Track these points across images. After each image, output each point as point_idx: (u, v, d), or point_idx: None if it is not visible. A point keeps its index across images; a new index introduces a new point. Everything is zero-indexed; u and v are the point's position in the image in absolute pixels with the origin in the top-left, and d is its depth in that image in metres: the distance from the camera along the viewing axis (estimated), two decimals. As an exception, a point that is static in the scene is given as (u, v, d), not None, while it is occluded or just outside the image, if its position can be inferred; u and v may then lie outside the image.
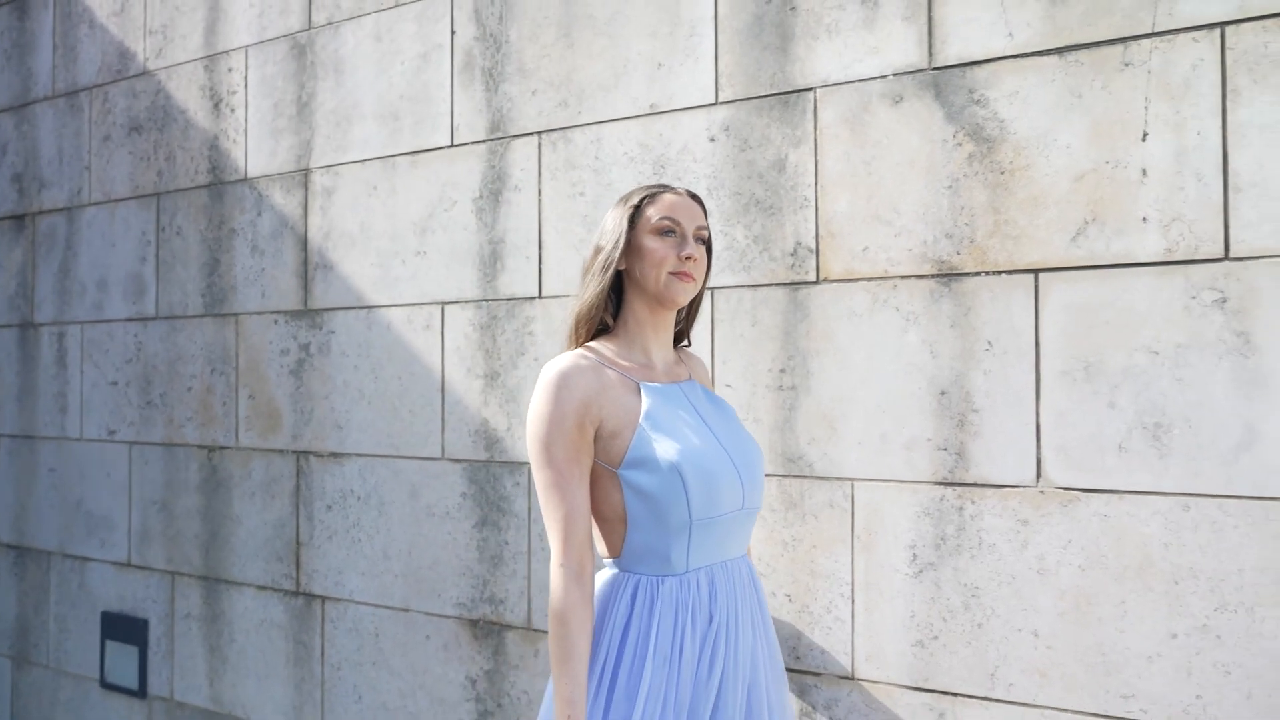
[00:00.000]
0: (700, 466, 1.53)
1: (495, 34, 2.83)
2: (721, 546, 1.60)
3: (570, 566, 1.49)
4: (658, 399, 1.57)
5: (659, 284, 1.60)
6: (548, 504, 1.53)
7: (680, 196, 1.66)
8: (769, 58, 2.39)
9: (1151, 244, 1.97)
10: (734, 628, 1.59)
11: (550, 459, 1.51)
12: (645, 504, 1.53)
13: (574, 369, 1.54)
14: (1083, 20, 2.04)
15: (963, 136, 2.16)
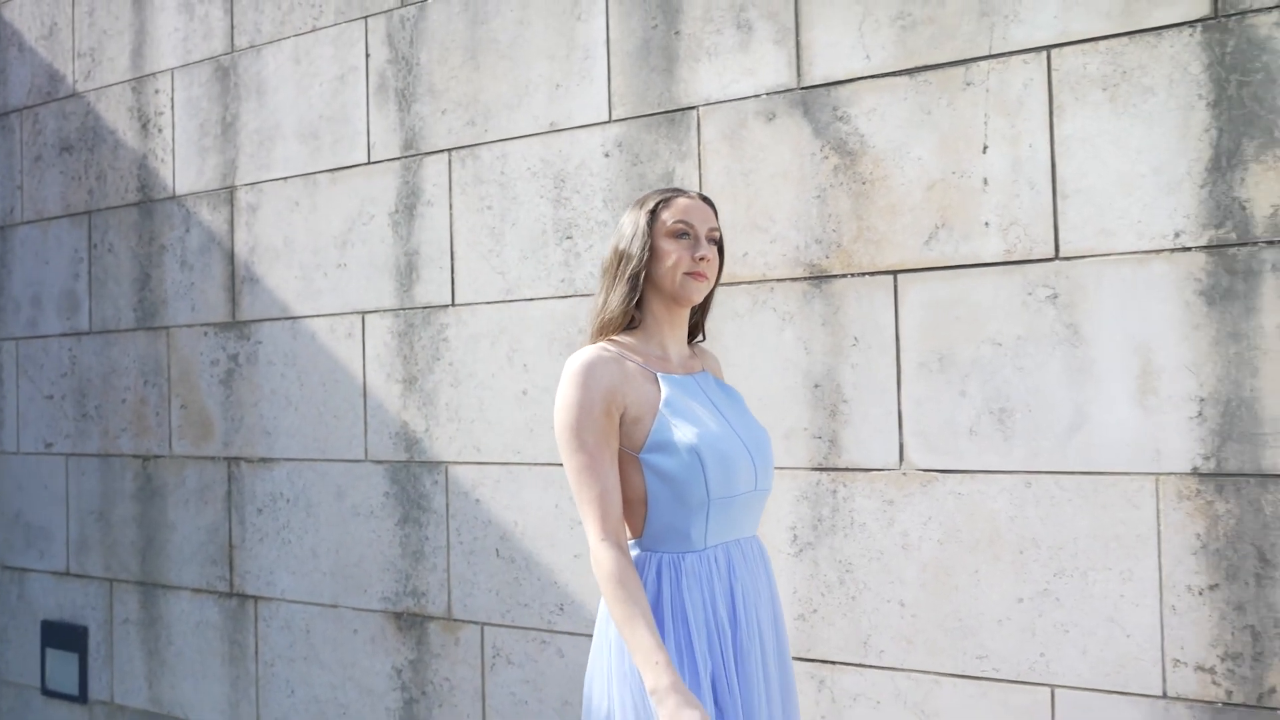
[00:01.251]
0: (716, 449, 1.61)
1: (407, 57, 2.99)
2: (736, 525, 1.67)
3: (611, 539, 1.55)
4: (675, 388, 1.66)
5: (675, 284, 1.68)
6: (581, 486, 1.59)
7: (693, 200, 1.73)
8: (656, 79, 2.58)
9: (993, 246, 2.18)
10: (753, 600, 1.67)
11: (581, 444, 1.58)
12: (666, 485, 1.60)
13: (598, 359, 1.62)
14: (929, 44, 2.25)
15: (828, 150, 2.36)
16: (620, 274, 1.70)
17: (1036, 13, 2.14)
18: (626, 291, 1.68)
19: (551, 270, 2.73)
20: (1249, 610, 1.97)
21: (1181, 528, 2.02)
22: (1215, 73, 1.99)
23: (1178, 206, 2.02)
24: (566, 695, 2.71)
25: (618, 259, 1.71)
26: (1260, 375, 1.96)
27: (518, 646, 2.78)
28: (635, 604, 1.52)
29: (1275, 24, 1.95)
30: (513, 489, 2.79)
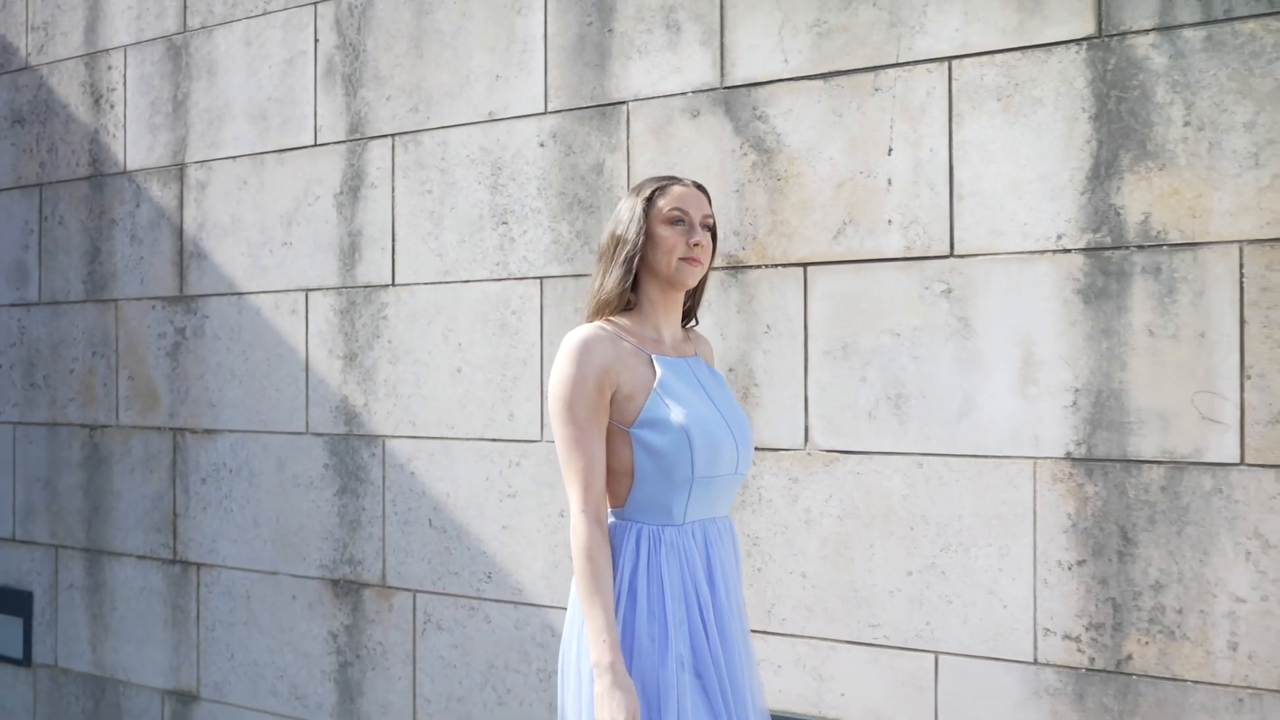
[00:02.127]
0: (705, 430, 1.68)
1: (354, 43, 3.10)
2: (714, 504, 1.75)
3: (590, 512, 1.64)
4: (669, 369, 1.73)
5: (670, 268, 1.73)
6: (569, 457, 1.66)
7: (688, 188, 1.78)
8: (590, 74, 2.71)
9: (894, 243, 2.35)
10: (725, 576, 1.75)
11: (573, 417, 1.65)
12: (653, 460, 1.67)
13: (594, 338, 1.69)
14: (842, 51, 2.40)
15: (747, 147, 2.51)
16: (616, 257, 1.75)
17: (940, 25, 2.30)
18: (622, 274, 1.74)
19: (487, 254, 2.86)
20: (1111, 584, 2.16)
21: (1055, 508, 2.20)
22: (1097, 88, 2.16)
23: (1060, 211, 2.19)
24: (492, 659, 2.86)
25: (614, 243, 1.76)
26: (1128, 369, 2.14)
27: (448, 613, 2.93)
28: (598, 581, 1.62)
29: (1151, 45, 2.12)
30: (446, 462, 2.92)
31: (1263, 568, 2.03)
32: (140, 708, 3.53)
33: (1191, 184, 2.08)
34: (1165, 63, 2.10)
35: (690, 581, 1.69)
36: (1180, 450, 2.09)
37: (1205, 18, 2.07)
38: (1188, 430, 2.09)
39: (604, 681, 1.58)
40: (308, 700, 3.18)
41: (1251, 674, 2.04)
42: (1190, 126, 2.08)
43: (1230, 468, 2.05)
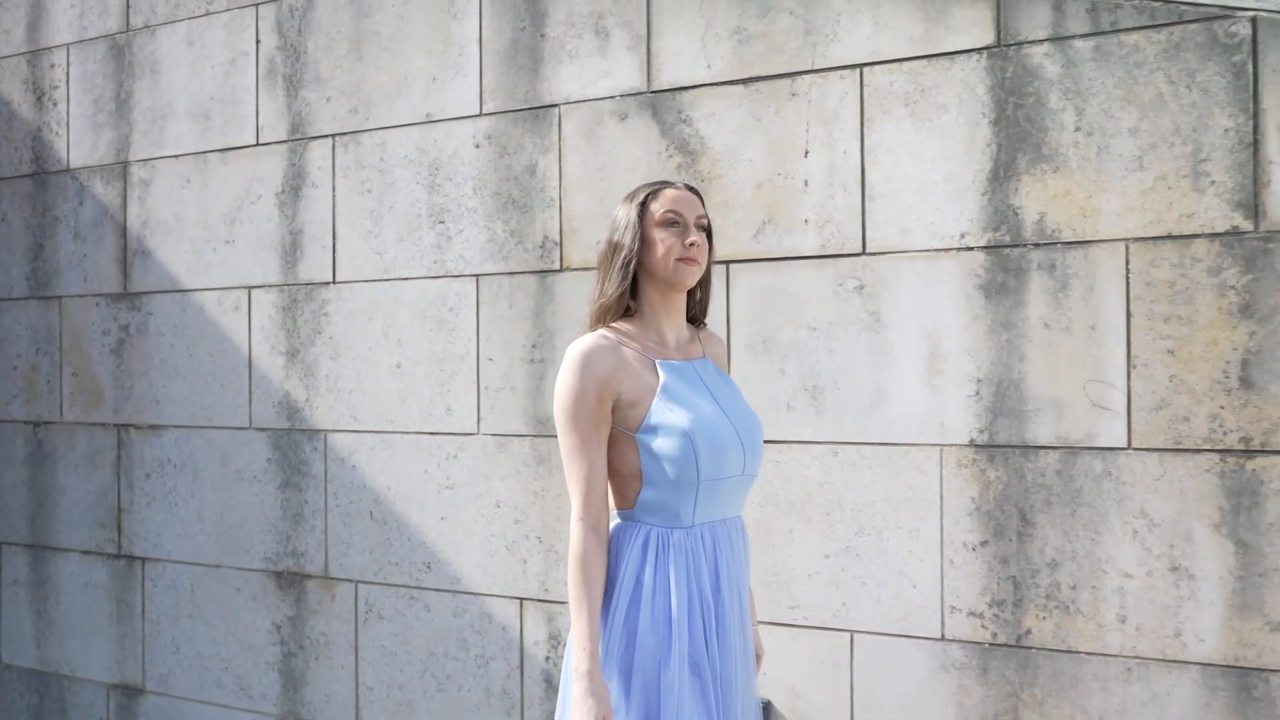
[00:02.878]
0: (709, 434, 1.71)
1: (295, 45, 3.18)
2: (723, 506, 1.77)
3: (589, 520, 1.69)
4: (672, 374, 1.76)
5: (668, 270, 1.76)
6: (571, 465, 1.71)
7: (680, 190, 1.81)
8: (523, 77, 2.82)
9: (811, 241, 2.48)
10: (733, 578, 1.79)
11: (574, 426, 1.70)
12: (660, 464, 1.71)
13: (595, 349, 1.73)
14: (761, 57, 2.53)
15: (673, 149, 2.63)
16: (614, 264, 1.78)
17: (852, 34, 2.43)
18: (620, 280, 1.77)
19: (425, 252, 2.96)
20: (1011, 563, 2.30)
21: (960, 492, 2.34)
22: (997, 94, 2.30)
23: (963, 211, 2.33)
24: (432, 647, 2.96)
25: (611, 250, 1.80)
26: (1026, 360, 2.28)
27: (388, 602, 3.02)
28: (587, 589, 1.68)
29: (1045, 54, 2.26)
30: (386, 455, 3.02)
31: (1148, 545, 2.19)
32: (85, 702, 3.59)
33: (1082, 185, 2.23)
34: (1058, 71, 2.25)
35: (695, 584, 1.73)
36: (1073, 436, 2.24)
37: (1094, 29, 2.21)
38: (1080, 417, 2.23)
39: (580, 687, 1.65)
40: (252, 691, 3.26)
41: (1139, 645, 2.19)
42: (1081, 131, 2.23)
43: (1118, 452, 2.21)
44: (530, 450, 2.80)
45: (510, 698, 2.84)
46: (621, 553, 1.74)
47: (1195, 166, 2.14)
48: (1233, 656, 2.12)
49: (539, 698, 2.81)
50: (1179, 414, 2.16)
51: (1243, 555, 2.11)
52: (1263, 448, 2.10)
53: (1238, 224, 2.11)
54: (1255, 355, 2.10)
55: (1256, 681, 2.10)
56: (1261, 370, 2.09)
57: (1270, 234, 2.09)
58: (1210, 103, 2.13)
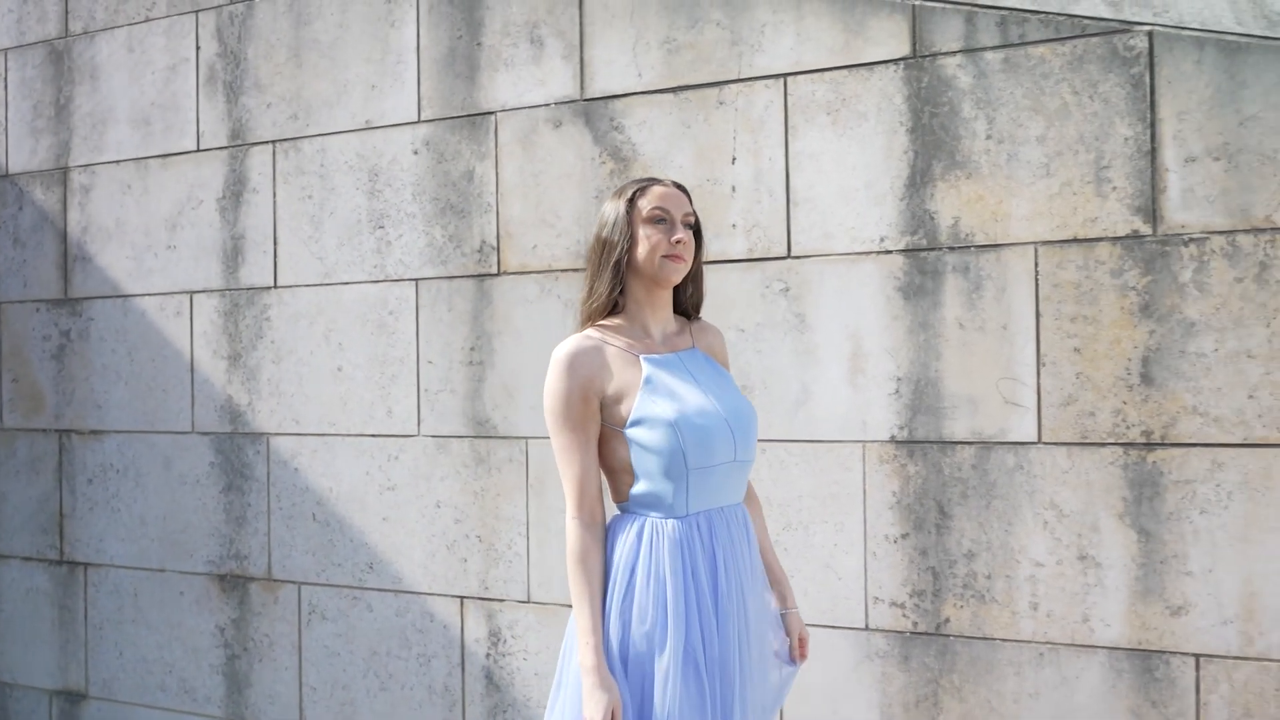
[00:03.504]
0: (694, 423, 1.73)
1: (235, 51, 3.22)
2: (718, 494, 1.79)
3: (583, 517, 1.74)
4: (656, 367, 1.78)
5: (654, 267, 1.78)
6: (563, 466, 1.76)
7: (667, 187, 1.83)
8: (460, 85, 2.89)
9: (739, 245, 2.57)
10: (734, 566, 1.79)
11: (563, 427, 1.75)
12: (649, 456, 1.74)
13: (578, 351, 1.77)
14: (690, 67, 2.61)
15: (605, 156, 2.71)
16: (604, 262, 1.80)
17: (776, 45, 2.52)
18: (610, 278, 1.80)
19: (365, 256, 3.01)
20: (931, 554, 2.41)
21: (881, 486, 2.44)
22: (913, 104, 2.41)
23: (883, 216, 2.43)
24: (375, 646, 3.01)
25: (601, 247, 1.81)
26: (943, 359, 2.39)
27: (331, 603, 3.07)
28: (587, 584, 1.72)
29: (959, 65, 2.37)
30: (328, 458, 3.07)
31: (1057, 535, 2.30)
32: (28, 709, 3.60)
33: (994, 191, 2.34)
34: (970, 82, 2.36)
35: (691, 574, 1.74)
36: (987, 431, 2.35)
37: (1003, 42, 2.32)
38: (993, 413, 2.34)
39: (588, 681, 1.68)
40: (196, 694, 3.29)
41: (1050, 630, 2.30)
42: (992, 139, 2.34)
43: (1029, 446, 2.32)
44: (469, 451, 2.86)
45: (452, 695, 2.90)
46: (616, 545, 1.77)
47: (1098, 173, 2.26)
48: (1136, 640, 2.24)
49: (480, 694, 2.87)
50: (1085, 409, 2.27)
51: (1145, 544, 2.23)
52: (1162, 441, 2.21)
53: (1137, 228, 2.23)
54: (1155, 353, 2.22)
55: (1158, 663, 2.22)
56: (1160, 367, 2.21)
57: (1167, 237, 2.21)
58: (1111, 112, 2.24)
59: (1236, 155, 2.15)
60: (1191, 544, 2.19)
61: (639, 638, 1.72)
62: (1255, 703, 2.15)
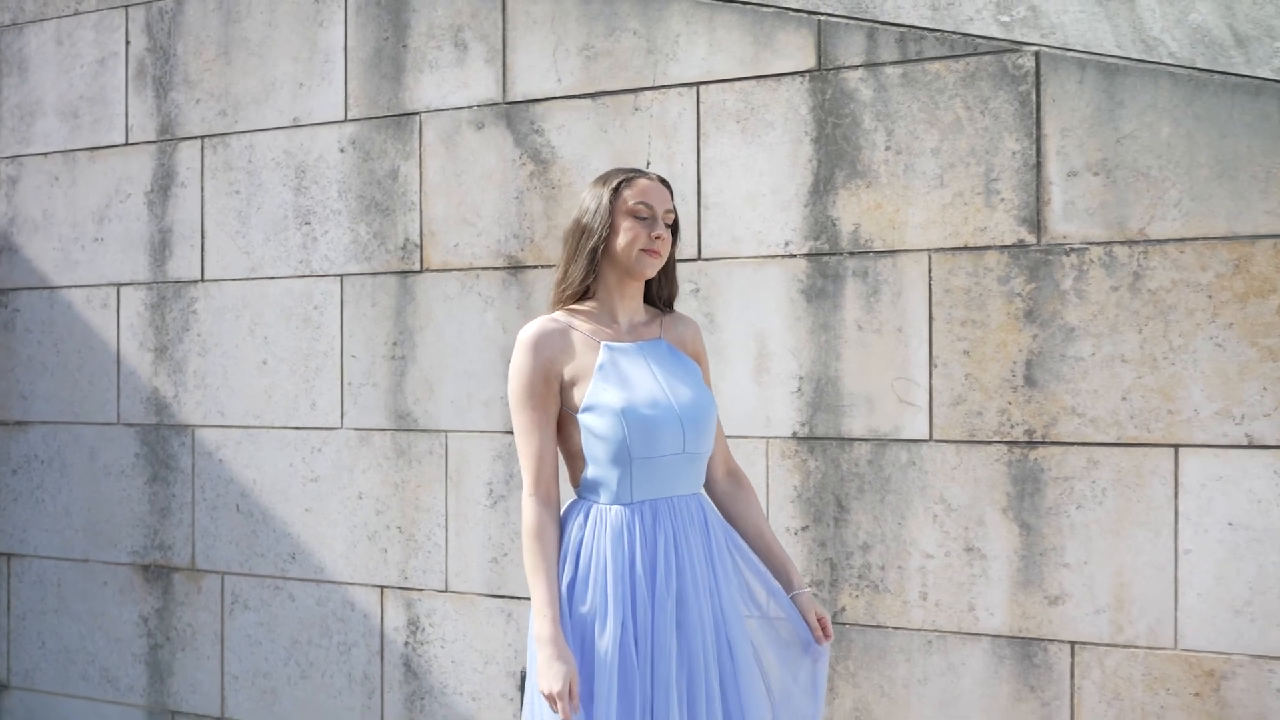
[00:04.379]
0: (640, 413, 1.77)
1: (165, 47, 3.27)
2: (667, 484, 1.82)
3: (539, 495, 1.79)
4: (613, 355, 1.81)
5: (631, 259, 1.82)
6: (521, 444, 1.81)
7: (652, 182, 1.86)
8: (386, 85, 2.96)
9: (652, 247, 2.67)
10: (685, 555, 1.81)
11: (522, 406, 1.79)
12: (597, 442, 1.78)
13: (542, 333, 1.81)
14: (608, 74, 2.71)
15: (526, 158, 2.80)
16: (581, 248, 1.83)
17: (689, 54, 2.63)
18: (585, 264, 1.83)
19: (291, 252, 3.08)
20: (829, 546, 2.53)
21: (784, 481, 2.56)
22: (817, 114, 2.53)
23: (788, 221, 2.55)
24: (296, 635, 3.08)
25: (579, 232, 1.84)
26: (842, 359, 2.51)
27: (254, 593, 3.13)
28: (543, 558, 1.76)
29: (860, 79, 2.49)
30: (252, 450, 3.13)
31: (946, 528, 2.43)
32: (-51, 699, 3.62)
33: (891, 200, 2.46)
34: (871, 95, 2.48)
35: (628, 561, 1.78)
36: (883, 429, 2.47)
37: (902, 57, 2.45)
38: (888, 411, 2.47)
39: (545, 653, 1.71)
40: (119, 683, 3.33)
41: (938, 619, 2.44)
42: (890, 150, 2.46)
43: (921, 443, 2.45)
44: (391, 444, 2.94)
45: (371, 682, 2.98)
46: (567, 528, 1.83)
47: (988, 185, 2.39)
48: (1017, 628, 2.37)
49: (398, 681, 2.95)
50: (973, 409, 2.41)
51: (1026, 536, 2.37)
52: (1043, 439, 2.35)
53: (1023, 237, 2.37)
54: (1037, 356, 2.36)
55: (1036, 650, 2.36)
56: (1042, 370, 2.35)
57: (1050, 247, 2.35)
58: (1000, 127, 2.38)
59: (1114, 171, 2.29)
60: (1069, 537, 2.33)
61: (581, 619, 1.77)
62: (1124, 687, 2.29)
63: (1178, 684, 2.25)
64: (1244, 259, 2.20)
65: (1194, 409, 2.23)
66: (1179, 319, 2.25)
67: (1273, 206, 2.18)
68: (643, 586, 1.78)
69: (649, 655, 1.77)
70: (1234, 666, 2.21)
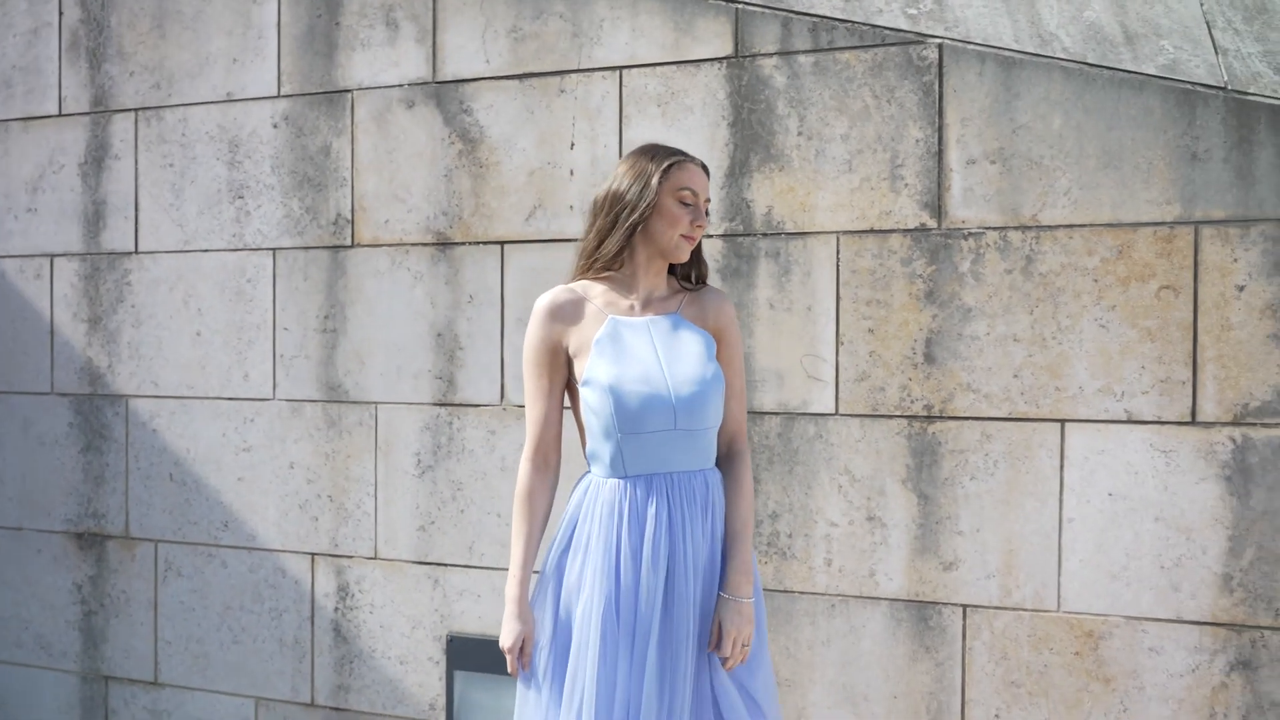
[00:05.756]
0: (628, 388, 1.81)
1: (99, 19, 3.34)
2: (662, 459, 1.84)
3: (535, 459, 1.91)
4: (615, 328, 1.86)
5: (669, 242, 1.87)
6: (527, 408, 1.92)
7: (698, 168, 1.92)
8: (319, 62, 3.06)
9: (575, 225, 2.80)
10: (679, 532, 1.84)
11: (529, 372, 1.89)
12: (592, 416, 1.86)
13: (555, 303, 1.90)
14: (534, 56, 2.83)
15: (455, 137, 2.91)
16: (621, 221, 1.86)
17: (613, 39, 2.76)
18: (622, 239, 1.86)
19: (225, 225, 3.17)
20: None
21: (699, 453, 2.71)
22: (734, 100, 2.66)
23: (705, 202, 2.69)
24: (228, 601, 3.20)
25: (621, 205, 1.87)
26: (755, 336, 2.66)
27: (187, 560, 3.24)
28: (525, 521, 1.89)
29: (775, 66, 2.63)
30: (185, 420, 3.23)
31: (850, 498, 2.59)
32: (-118, 666, 3.69)
33: (803, 183, 2.61)
34: (785, 82, 2.62)
35: (617, 533, 1.83)
36: (792, 403, 2.63)
37: (814, 46, 2.59)
38: (797, 386, 2.63)
39: (507, 610, 1.85)
40: (53, 649, 3.43)
41: (840, 584, 2.60)
42: (802, 136, 2.61)
43: (828, 417, 2.61)
44: (322, 414, 3.06)
45: (301, 647, 3.11)
46: (571, 497, 1.93)
47: (893, 171, 2.54)
48: (914, 592, 2.55)
49: (328, 646, 3.08)
50: (877, 385, 2.57)
51: (924, 506, 2.54)
52: (940, 414, 2.52)
53: (925, 221, 2.52)
54: (936, 335, 2.52)
55: (931, 613, 2.54)
56: (941, 348, 2.52)
57: (950, 231, 2.51)
58: (905, 116, 2.53)
59: (1009, 160, 2.46)
60: (963, 507, 2.51)
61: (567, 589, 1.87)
62: (1011, 647, 2.48)
63: (1060, 644, 2.44)
64: (1126, 245, 2.37)
65: (1079, 386, 2.41)
66: (1067, 301, 2.42)
67: (1154, 196, 2.35)
68: (628, 562, 1.82)
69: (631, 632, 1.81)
70: (1110, 627, 2.40)
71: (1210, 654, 2.33)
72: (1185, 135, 2.32)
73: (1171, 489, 2.35)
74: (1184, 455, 2.34)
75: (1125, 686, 2.39)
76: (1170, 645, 2.36)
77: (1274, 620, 2.29)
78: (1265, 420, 2.28)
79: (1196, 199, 2.32)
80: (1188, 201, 2.33)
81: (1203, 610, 2.33)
